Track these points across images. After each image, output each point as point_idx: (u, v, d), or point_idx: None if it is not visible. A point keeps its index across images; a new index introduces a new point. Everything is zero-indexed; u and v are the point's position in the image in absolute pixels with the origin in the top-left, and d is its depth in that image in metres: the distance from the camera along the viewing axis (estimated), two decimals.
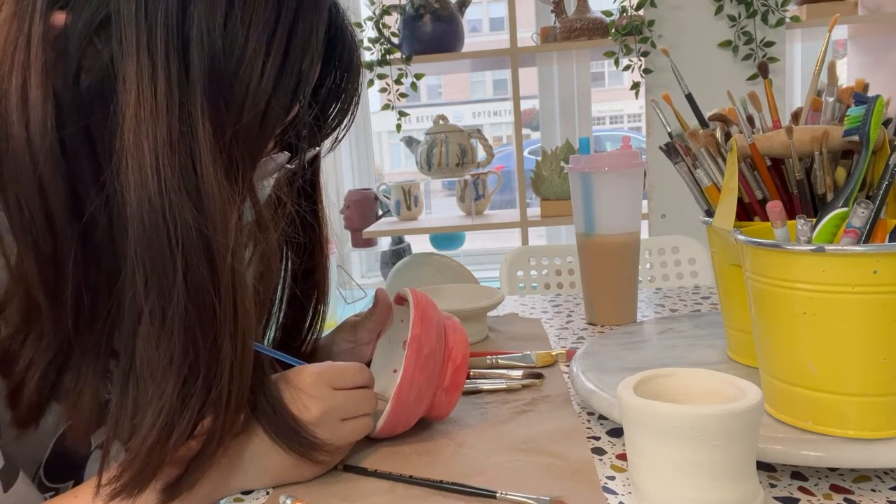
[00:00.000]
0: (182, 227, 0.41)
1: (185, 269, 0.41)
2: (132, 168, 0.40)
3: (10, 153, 0.41)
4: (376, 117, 2.61)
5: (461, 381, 0.58)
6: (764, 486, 0.48)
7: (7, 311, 0.44)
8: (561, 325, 0.92)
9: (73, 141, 0.42)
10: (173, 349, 0.42)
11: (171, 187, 0.41)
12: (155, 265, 0.41)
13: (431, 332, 0.56)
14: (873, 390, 0.46)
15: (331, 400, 0.51)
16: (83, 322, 0.44)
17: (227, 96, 0.43)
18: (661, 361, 0.66)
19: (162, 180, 0.40)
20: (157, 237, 0.41)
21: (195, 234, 0.41)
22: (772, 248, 0.48)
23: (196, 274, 0.42)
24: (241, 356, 0.45)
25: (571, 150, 1.93)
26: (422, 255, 1.91)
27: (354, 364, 0.55)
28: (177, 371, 0.42)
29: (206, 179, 0.42)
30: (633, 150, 0.87)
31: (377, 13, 1.91)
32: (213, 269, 0.42)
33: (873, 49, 2.05)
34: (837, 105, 0.60)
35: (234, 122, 0.43)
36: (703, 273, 1.39)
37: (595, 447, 0.55)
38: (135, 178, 0.40)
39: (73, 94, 0.42)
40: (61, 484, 0.52)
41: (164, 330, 0.42)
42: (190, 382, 0.43)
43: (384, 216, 2.38)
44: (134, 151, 0.40)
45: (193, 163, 0.41)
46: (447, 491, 0.49)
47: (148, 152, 0.40)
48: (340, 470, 0.53)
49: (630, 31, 1.81)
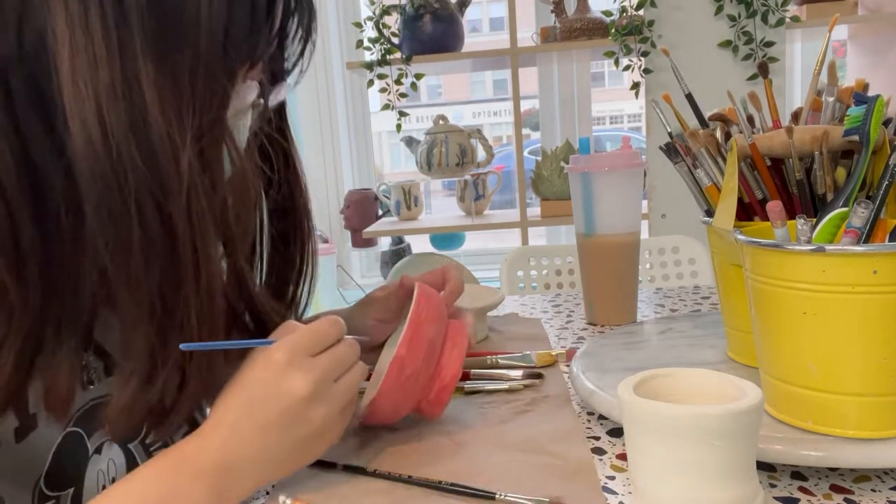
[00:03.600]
0: (132, 174, 0.40)
1: (140, 216, 0.41)
2: (76, 122, 0.39)
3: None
4: (376, 117, 2.61)
5: (446, 398, 0.58)
6: (764, 486, 0.48)
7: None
8: (561, 325, 0.92)
9: (21, 104, 0.41)
10: (140, 300, 0.42)
11: (117, 135, 0.39)
12: (111, 218, 0.40)
13: (419, 354, 0.54)
14: (873, 390, 0.46)
15: (315, 369, 0.49)
16: (51, 296, 0.44)
17: (172, 31, 0.41)
18: (661, 361, 0.66)
19: (108, 129, 0.39)
20: (108, 188, 0.40)
21: (145, 181, 0.40)
22: (772, 248, 0.48)
23: (151, 220, 0.41)
24: (209, 301, 0.44)
25: (571, 150, 1.93)
26: (422, 255, 1.91)
27: (323, 320, 0.52)
28: (147, 321, 0.42)
29: (153, 123, 0.40)
30: (633, 150, 0.87)
31: (377, 13, 1.91)
32: (168, 214, 0.41)
33: (873, 49, 2.05)
34: (837, 105, 0.60)
35: (188, 57, 0.41)
36: (703, 273, 1.39)
37: (595, 447, 0.55)
38: (80, 132, 0.39)
39: (16, 55, 0.40)
40: (61, 492, 0.52)
41: (129, 282, 0.41)
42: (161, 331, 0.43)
43: (384, 216, 2.38)
44: (75, 105, 0.39)
45: (139, 107, 0.40)
46: (446, 491, 0.49)
47: (89, 102, 0.39)
48: (340, 470, 0.53)
49: (630, 31, 1.81)
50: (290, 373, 0.48)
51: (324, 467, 0.54)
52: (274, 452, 0.48)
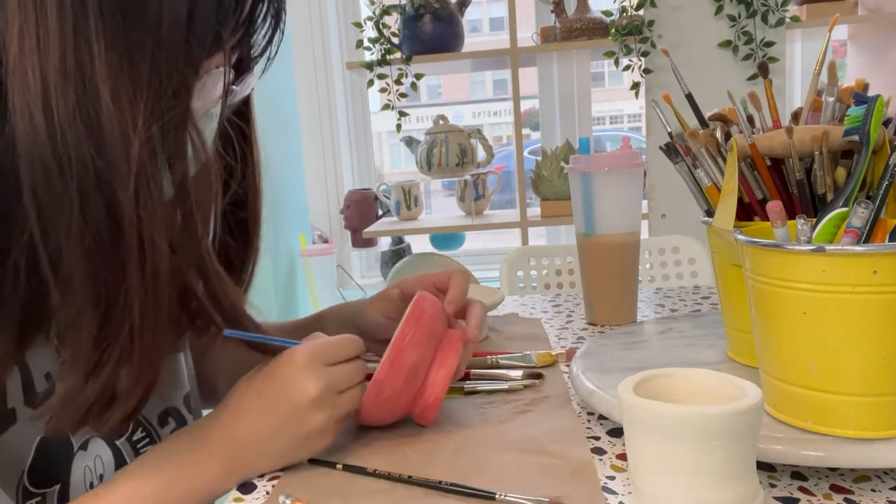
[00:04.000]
0: (76, 160, 0.39)
1: (82, 203, 0.40)
2: (18, 104, 0.38)
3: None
4: (376, 117, 2.61)
5: (431, 415, 0.58)
6: (764, 486, 0.48)
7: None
8: (561, 325, 0.92)
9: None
10: (79, 290, 0.41)
11: (63, 118, 0.39)
12: (50, 203, 0.39)
13: (398, 378, 0.55)
14: (873, 390, 0.46)
15: (327, 377, 0.52)
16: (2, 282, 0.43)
17: (132, 15, 0.40)
18: (661, 361, 0.66)
19: (54, 112, 0.38)
20: (47, 172, 0.39)
21: (91, 167, 0.39)
22: (772, 248, 0.48)
23: (94, 207, 0.40)
24: (154, 291, 0.43)
25: (571, 150, 1.93)
26: (422, 255, 1.91)
27: (345, 337, 0.55)
28: (88, 312, 0.42)
29: (104, 108, 0.39)
30: (633, 150, 0.87)
31: (377, 13, 1.91)
32: (114, 202, 0.40)
33: (873, 49, 2.05)
34: (837, 105, 0.60)
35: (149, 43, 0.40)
36: (703, 273, 1.39)
37: (595, 447, 0.55)
38: (22, 114, 0.39)
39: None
40: (47, 489, 0.51)
41: (68, 271, 0.41)
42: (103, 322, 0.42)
43: (384, 216, 2.38)
44: (20, 87, 0.38)
45: (89, 91, 0.39)
46: (446, 491, 0.49)
47: (34, 84, 0.38)
48: (340, 470, 0.53)
49: (630, 31, 1.81)
50: (305, 374, 0.52)
51: (324, 467, 0.54)
52: (276, 443, 0.52)
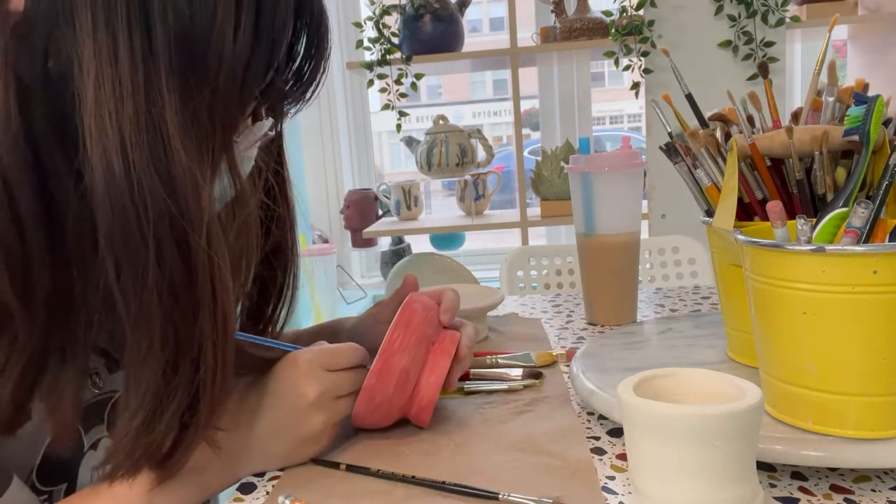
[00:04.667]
0: (152, 208, 0.40)
1: (158, 250, 0.40)
2: (96, 152, 0.39)
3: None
4: (376, 117, 2.61)
5: (426, 417, 0.58)
6: (764, 486, 0.48)
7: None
8: (561, 325, 0.92)
9: (41, 132, 0.41)
10: (152, 333, 0.42)
11: (139, 168, 0.39)
12: (126, 249, 0.40)
13: (389, 383, 0.55)
14: (873, 390, 0.46)
15: (326, 381, 0.54)
16: (57, 321, 0.44)
17: (197, 66, 0.41)
18: (661, 361, 0.66)
19: (130, 161, 0.39)
20: (125, 220, 0.40)
21: (166, 214, 0.40)
22: (772, 248, 0.48)
23: (169, 254, 0.41)
24: (224, 334, 0.44)
25: (571, 150, 1.93)
26: (422, 255, 1.91)
27: (347, 345, 0.57)
28: (158, 354, 0.42)
29: (175, 157, 0.40)
30: (633, 150, 0.87)
31: (377, 13, 1.91)
32: (187, 247, 0.41)
33: (873, 49, 2.05)
34: (837, 105, 0.60)
35: (208, 92, 0.41)
36: (703, 273, 1.39)
37: (595, 447, 0.55)
38: (100, 162, 0.39)
39: (41, 82, 0.41)
40: (54, 487, 0.51)
41: (142, 314, 0.41)
42: (173, 364, 0.43)
43: (384, 216, 2.38)
44: (97, 135, 0.39)
45: (162, 140, 0.40)
46: (448, 491, 0.49)
47: (112, 134, 0.39)
48: (343, 470, 0.53)
49: (630, 31, 1.80)
50: (305, 378, 0.53)
51: (327, 467, 0.54)
52: (276, 443, 0.53)
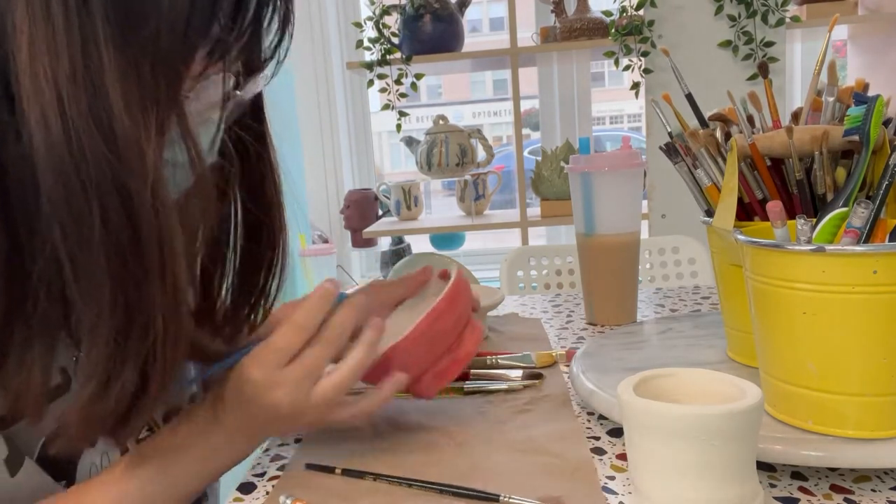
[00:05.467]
0: (93, 166, 0.38)
1: (102, 209, 0.39)
2: (34, 111, 0.38)
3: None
4: (376, 117, 2.61)
5: (451, 375, 0.58)
6: (764, 486, 0.48)
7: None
8: (561, 325, 0.92)
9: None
10: (101, 298, 0.40)
11: (77, 124, 0.38)
12: (70, 210, 0.39)
13: (453, 314, 0.56)
14: (873, 390, 0.46)
15: (290, 381, 0.49)
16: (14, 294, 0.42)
17: (134, 17, 0.39)
18: (661, 361, 0.66)
19: (68, 118, 0.38)
20: (67, 179, 0.38)
21: (109, 171, 0.39)
22: (772, 248, 0.48)
23: (114, 214, 0.39)
24: (174, 300, 0.42)
25: (571, 150, 1.93)
26: (422, 255, 1.90)
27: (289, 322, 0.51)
28: (107, 320, 0.41)
29: (115, 112, 0.38)
30: (633, 150, 0.87)
31: (377, 13, 1.91)
32: (132, 206, 0.40)
33: (873, 49, 2.05)
34: (837, 105, 0.60)
35: (148, 44, 0.39)
36: (703, 273, 1.39)
37: (595, 447, 0.55)
38: (37, 122, 0.38)
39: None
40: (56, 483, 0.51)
41: (89, 278, 0.40)
42: (123, 331, 0.41)
43: (384, 216, 2.38)
44: (33, 93, 0.38)
45: (101, 96, 0.38)
46: (449, 493, 0.49)
47: (49, 91, 0.37)
48: (339, 475, 0.53)
49: (630, 31, 1.80)
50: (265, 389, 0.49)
51: (322, 472, 0.53)
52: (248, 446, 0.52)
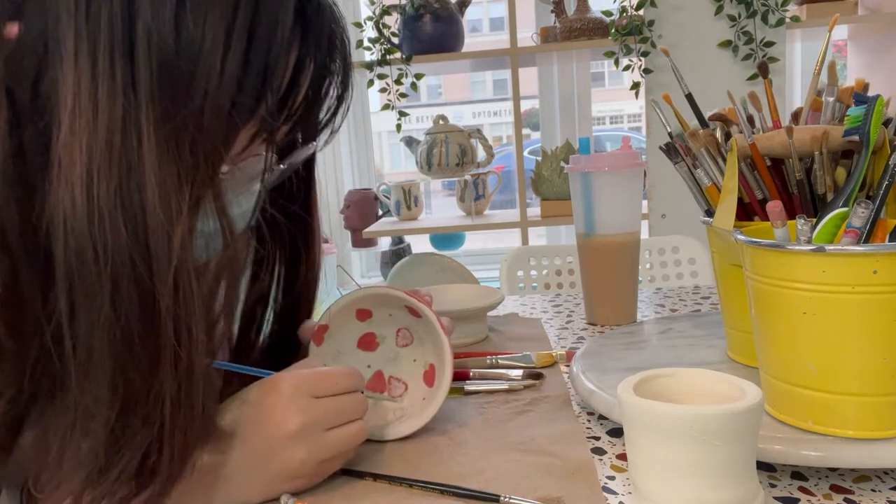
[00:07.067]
0: (112, 247, 0.37)
1: (113, 290, 0.38)
2: (61, 182, 0.37)
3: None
4: (376, 117, 2.61)
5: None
6: (764, 486, 0.48)
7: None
8: (561, 325, 0.92)
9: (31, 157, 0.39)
10: (101, 380, 0.38)
11: (102, 202, 0.37)
12: (82, 288, 0.38)
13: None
14: (873, 390, 0.46)
15: (313, 410, 0.48)
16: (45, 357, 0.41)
17: (180, 99, 0.39)
18: (661, 361, 0.66)
19: (93, 194, 0.37)
20: (81, 255, 0.37)
21: (128, 252, 0.38)
22: (772, 248, 0.48)
23: (126, 296, 0.38)
24: (187, 392, 0.40)
25: (571, 150, 1.93)
26: (422, 255, 1.91)
27: (341, 368, 0.52)
28: (106, 405, 0.39)
29: (148, 193, 0.38)
30: (633, 150, 0.87)
31: (377, 13, 1.91)
32: (149, 291, 0.38)
33: (873, 49, 2.05)
34: (837, 105, 0.60)
35: (190, 123, 0.39)
36: (703, 273, 1.39)
37: (595, 447, 0.55)
38: (63, 195, 0.37)
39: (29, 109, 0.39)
40: None
41: (91, 361, 0.38)
42: (123, 417, 0.39)
43: (384, 216, 2.38)
44: (66, 166, 0.37)
45: (134, 174, 0.38)
46: (448, 493, 0.49)
47: (80, 166, 0.37)
48: (339, 474, 0.53)
49: (630, 31, 1.81)
50: (286, 406, 0.48)
51: None
52: (254, 476, 0.48)
